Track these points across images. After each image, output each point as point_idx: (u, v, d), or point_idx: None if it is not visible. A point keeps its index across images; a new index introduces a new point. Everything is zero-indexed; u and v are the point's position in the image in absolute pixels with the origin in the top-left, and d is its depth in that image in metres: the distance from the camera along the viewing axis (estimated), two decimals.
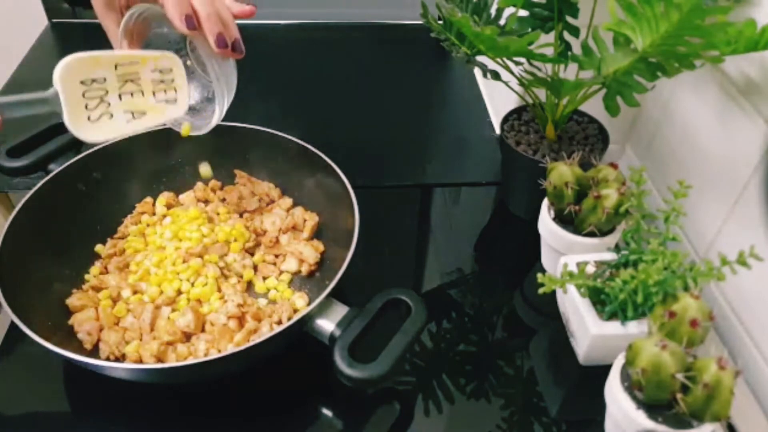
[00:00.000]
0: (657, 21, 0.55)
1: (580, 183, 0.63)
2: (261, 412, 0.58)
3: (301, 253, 0.67)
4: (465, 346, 0.65)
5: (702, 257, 0.69)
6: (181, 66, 0.59)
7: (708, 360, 0.46)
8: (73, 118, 0.53)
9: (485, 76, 0.69)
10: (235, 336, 0.59)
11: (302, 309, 0.62)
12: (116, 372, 0.54)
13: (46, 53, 1.06)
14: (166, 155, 0.74)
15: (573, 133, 0.75)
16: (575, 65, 0.66)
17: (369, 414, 0.59)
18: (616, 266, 0.58)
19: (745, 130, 0.60)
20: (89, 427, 0.58)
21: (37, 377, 0.60)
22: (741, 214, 0.62)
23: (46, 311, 0.60)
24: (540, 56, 0.62)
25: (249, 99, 0.85)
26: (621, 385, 0.51)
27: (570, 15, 0.67)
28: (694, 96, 0.69)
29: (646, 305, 0.55)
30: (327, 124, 0.93)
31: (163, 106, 0.59)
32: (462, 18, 0.58)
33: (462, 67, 1.06)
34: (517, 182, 0.78)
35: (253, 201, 0.72)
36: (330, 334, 0.54)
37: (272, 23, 1.16)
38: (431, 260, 0.75)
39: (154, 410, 0.58)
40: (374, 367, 0.51)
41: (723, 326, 0.65)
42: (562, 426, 0.58)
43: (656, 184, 0.77)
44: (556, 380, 0.62)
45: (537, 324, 0.68)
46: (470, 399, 0.60)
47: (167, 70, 0.58)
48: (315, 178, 0.71)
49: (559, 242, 0.65)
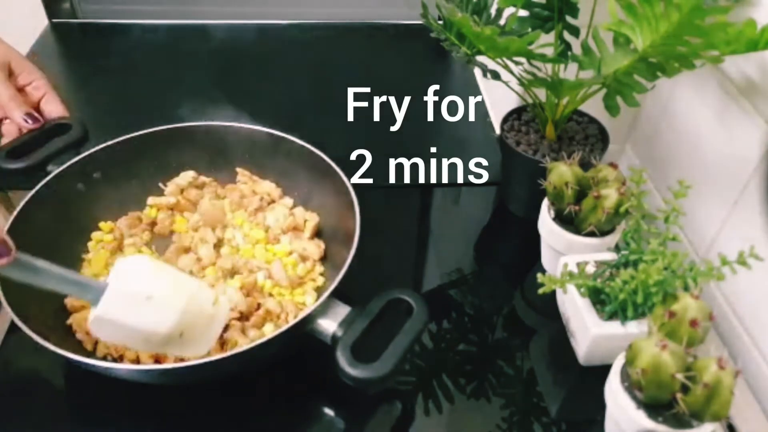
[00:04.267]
0: (657, 21, 0.55)
1: (580, 183, 0.63)
2: (261, 412, 0.58)
3: (305, 249, 0.67)
4: (465, 346, 0.65)
5: (702, 257, 0.69)
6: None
7: (708, 360, 0.46)
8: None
9: (485, 76, 0.69)
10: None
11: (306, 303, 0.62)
12: (116, 372, 0.54)
13: (46, 53, 1.06)
14: (167, 156, 0.73)
15: (573, 133, 0.75)
16: (575, 65, 0.66)
17: (370, 414, 0.59)
18: (616, 266, 0.58)
19: (745, 130, 0.60)
20: (89, 427, 0.58)
21: (37, 377, 0.60)
22: (741, 214, 0.62)
23: (46, 311, 0.60)
24: (540, 56, 0.62)
25: (249, 99, 0.85)
26: (621, 385, 0.51)
27: (570, 15, 0.67)
28: (694, 96, 0.69)
29: (646, 305, 0.55)
30: (327, 123, 0.93)
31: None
32: (462, 18, 0.58)
33: (462, 67, 1.06)
34: (517, 182, 0.78)
35: (255, 200, 0.72)
36: (332, 334, 0.54)
37: (272, 23, 1.16)
38: (431, 260, 0.75)
39: (155, 410, 0.58)
40: (377, 367, 0.51)
41: (723, 326, 0.65)
42: (562, 426, 0.58)
43: (656, 184, 0.77)
44: (556, 380, 0.62)
45: (537, 324, 0.68)
46: (470, 399, 0.60)
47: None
48: (315, 179, 0.71)
49: (559, 242, 0.65)
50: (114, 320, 0.48)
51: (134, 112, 0.93)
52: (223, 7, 1.16)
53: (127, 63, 1.05)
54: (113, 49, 1.10)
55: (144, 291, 0.49)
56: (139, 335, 0.49)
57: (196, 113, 0.77)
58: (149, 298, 0.49)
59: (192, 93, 0.96)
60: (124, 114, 0.93)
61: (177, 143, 0.73)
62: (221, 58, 1.06)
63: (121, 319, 0.48)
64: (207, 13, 1.15)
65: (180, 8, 1.15)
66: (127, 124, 0.72)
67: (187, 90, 0.97)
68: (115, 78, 1.02)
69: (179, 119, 0.74)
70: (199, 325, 0.52)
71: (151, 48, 1.09)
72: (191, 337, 0.52)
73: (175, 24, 1.14)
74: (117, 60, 1.07)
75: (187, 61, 1.05)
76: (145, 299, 0.49)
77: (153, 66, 1.04)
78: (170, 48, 1.09)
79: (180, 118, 0.74)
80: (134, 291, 0.49)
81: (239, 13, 1.16)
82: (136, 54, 1.08)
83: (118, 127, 0.72)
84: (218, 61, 1.05)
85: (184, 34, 1.12)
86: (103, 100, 0.97)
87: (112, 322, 0.49)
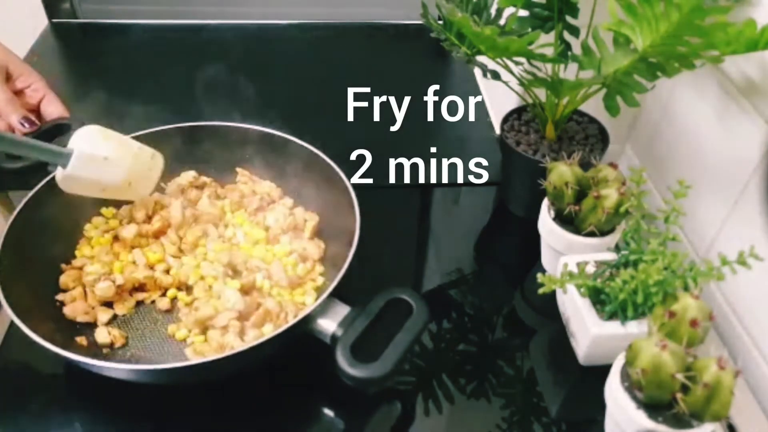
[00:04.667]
0: (657, 21, 0.55)
1: (580, 183, 0.63)
2: (261, 412, 0.58)
3: (304, 249, 0.67)
4: (465, 346, 0.65)
5: (702, 257, 0.69)
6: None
7: (708, 360, 0.46)
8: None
9: (485, 76, 0.69)
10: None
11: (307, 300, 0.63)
12: (116, 372, 0.54)
13: (46, 53, 1.06)
14: (167, 156, 0.73)
15: (573, 133, 0.75)
16: (575, 65, 0.66)
17: (369, 414, 0.59)
18: (616, 266, 0.58)
19: (745, 130, 0.60)
20: (89, 427, 0.58)
21: (37, 377, 0.60)
22: (741, 214, 0.62)
23: (46, 311, 0.60)
24: (540, 56, 0.62)
25: (249, 99, 0.85)
26: (621, 385, 0.51)
27: (570, 15, 0.67)
28: (694, 96, 0.69)
29: (646, 305, 0.55)
30: (327, 123, 0.93)
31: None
32: (462, 18, 0.58)
33: (462, 67, 1.06)
34: (517, 182, 0.78)
35: (255, 200, 0.72)
36: (332, 334, 0.54)
37: (272, 23, 1.16)
38: (431, 260, 0.75)
39: (154, 410, 0.58)
40: (377, 366, 0.51)
41: (723, 326, 0.65)
42: (562, 426, 0.58)
43: (656, 184, 0.77)
44: (556, 380, 0.62)
45: (537, 324, 0.68)
46: (470, 399, 0.60)
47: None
48: (315, 179, 0.71)
49: (559, 242, 0.65)
50: (80, 177, 0.61)
51: (134, 112, 0.93)
52: (223, 7, 1.16)
53: (127, 63, 1.05)
54: (113, 49, 1.10)
55: (101, 153, 0.61)
56: (98, 186, 0.63)
57: (196, 113, 0.77)
58: (105, 159, 0.62)
59: (192, 93, 0.95)
60: (124, 114, 0.93)
61: (177, 143, 0.73)
62: (221, 59, 1.06)
63: (85, 175, 0.61)
64: (207, 13, 1.15)
65: (180, 8, 1.15)
66: (127, 124, 0.72)
67: (187, 90, 0.97)
68: (115, 78, 1.02)
69: (179, 119, 0.74)
70: (143, 175, 0.66)
71: (151, 48, 1.09)
72: (136, 186, 0.65)
73: (175, 24, 1.14)
74: (117, 60, 1.07)
75: (187, 61, 1.05)
76: (103, 159, 0.61)
77: (153, 66, 1.04)
78: (170, 48, 1.09)
79: (180, 118, 0.74)
80: (94, 154, 0.61)
81: (239, 13, 1.16)
82: (136, 54, 1.08)
83: (118, 127, 0.72)
84: (218, 62, 1.05)
85: (184, 34, 1.12)
86: (102, 100, 0.97)
87: (79, 178, 0.61)
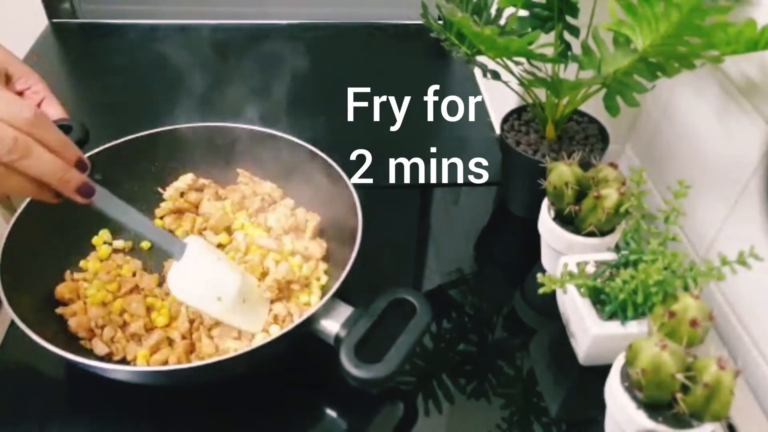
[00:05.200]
0: (657, 21, 0.55)
1: (580, 183, 0.63)
2: (264, 412, 0.58)
3: (306, 248, 0.67)
4: (465, 346, 0.65)
5: (702, 257, 0.69)
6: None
7: (708, 360, 0.46)
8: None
9: (485, 76, 0.69)
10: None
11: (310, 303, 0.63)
12: (116, 374, 0.54)
13: (46, 53, 1.06)
14: (168, 157, 0.74)
15: (573, 133, 0.75)
16: (575, 65, 0.66)
17: (370, 414, 0.59)
18: (616, 266, 0.58)
19: (745, 130, 0.60)
20: (89, 428, 0.58)
21: (37, 377, 0.60)
22: (741, 214, 0.62)
23: (46, 312, 0.60)
24: (540, 56, 0.62)
25: (249, 99, 0.85)
26: (621, 385, 0.51)
27: (570, 15, 0.67)
28: (694, 96, 0.69)
29: (646, 305, 0.55)
30: (327, 124, 0.93)
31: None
32: (462, 18, 0.58)
33: (462, 67, 1.06)
34: (517, 182, 0.78)
35: (256, 200, 0.72)
36: (335, 334, 0.54)
37: (273, 23, 1.16)
38: (431, 260, 0.75)
39: (156, 410, 0.58)
40: (381, 367, 0.51)
41: (723, 326, 0.65)
42: (562, 426, 0.58)
43: (656, 184, 0.77)
44: (556, 380, 0.62)
45: (537, 324, 0.68)
46: (470, 399, 0.60)
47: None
48: (316, 179, 0.70)
49: (559, 242, 0.65)
50: (194, 271, 0.56)
51: (135, 112, 0.93)
52: (223, 7, 1.16)
53: (127, 63, 1.05)
54: (113, 49, 1.10)
55: (215, 254, 0.58)
56: (213, 292, 0.56)
57: (196, 114, 0.77)
58: (219, 259, 0.58)
59: (192, 93, 0.95)
60: (125, 115, 0.93)
61: (178, 144, 0.73)
62: (221, 59, 1.06)
63: (200, 271, 0.56)
64: (207, 13, 1.15)
65: (180, 8, 1.15)
66: (127, 124, 0.73)
67: (188, 90, 0.97)
68: (115, 78, 1.02)
69: (180, 120, 0.74)
70: (254, 297, 0.60)
71: (151, 48, 1.09)
72: (251, 307, 0.59)
73: (175, 24, 1.14)
74: (117, 60, 1.07)
75: (187, 61, 1.05)
76: (217, 259, 0.58)
77: (153, 66, 1.04)
78: (170, 48, 1.09)
79: (181, 118, 0.74)
80: (209, 252, 0.58)
81: (239, 13, 1.16)
82: (136, 54, 1.08)
83: (118, 128, 0.73)
84: (218, 62, 1.05)
85: (184, 34, 1.12)
86: (103, 101, 0.97)
87: (192, 274, 0.56)
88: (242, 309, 0.58)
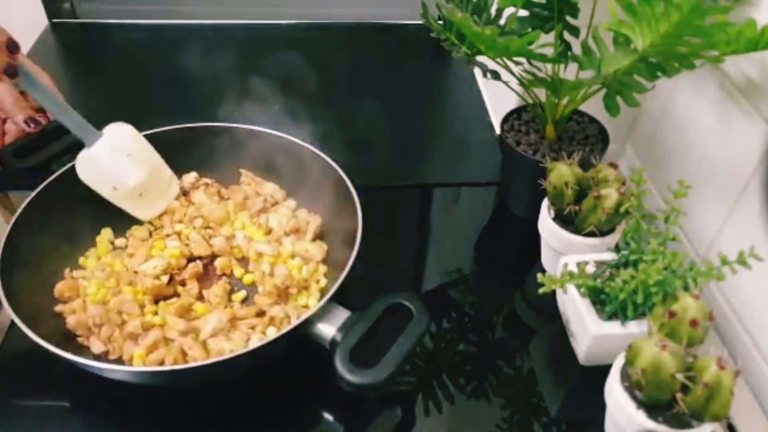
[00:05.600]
0: (657, 21, 0.55)
1: (580, 183, 0.63)
2: (260, 416, 0.58)
3: (306, 251, 0.67)
4: (465, 346, 0.65)
5: (702, 257, 0.69)
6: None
7: (708, 360, 0.46)
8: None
9: (485, 76, 0.69)
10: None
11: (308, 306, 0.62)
12: (115, 374, 0.54)
13: (46, 53, 1.06)
14: (169, 157, 0.73)
15: (573, 133, 0.75)
16: (575, 65, 0.66)
17: (369, 414, 0.59)
18: (616, 266, 0.58)
19: (745, 130, 0.60)
20: (89, 428, 0.58)
21: (37, 377, 0.60)
22: (741, 214, 0.62)
23: (47, 312, 0.60)
24: (540, 56, 0.62)
25: (250, 99, 0.85)
26: (621, 385, 0.51)
27: (570, 15, 0.67)
28: (694, 96, 0.69)
29: (646, 305, 0.55)
30: (327, 124, 0.93)
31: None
32: (462, 18, 0.58)
33: (462, 67, 1.06)
34: (517, 182, 0.78)
35: (258, 201, 0.72)
36: (331, 338, 0.54)
37: (273, 23, 1.16)
38: (431, 260, 0.75)
39: (154, 412, 0.58)
40: (375, 372, 0.50)
41: (723, 326, 0.65)
42: (562, 426, 0.58)
43: (656, 184, 0.77)
44: (556, 380, 0.62)
45: (537, 324, 0.68)
46: (470, 399, 0.60)
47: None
48: (317, 179, 0.70)
49: (559, 242, 0.65)
50: (99, 162, 0.61)
51: (135, 112, 0.93)
52: (223, 7, 1.16)
53: (127, 63, 1.05)
54: (113, 49, 1.10)
55: (125, 147, 0.63)
56: (110, 182, 0.63)
57: (197, 114, 0.77)
58: (128, 155, 0.63)
59: (192, 93, 0.96)
60: (125, 114, 0.93)
61: (179, 144, 0.73)
62: (221, 58, 1.06)
63: (104, 162, 0.61)
64: (207, 13, 1.15)
65: (180, 8, 1.15)
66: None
67: (188, 90, 0.97)
68: (116, 78, 1.02)
69: (181, 120, 0.74)
70: (155, 192, 0.66)
71: (150, 48, 1.09)
72: (146, 200, 0.65)
73: (175, 24, 1.14)
74: (117, 60, 1.07)
75: (188, 61, 1.05)
76: (125, 155, 0.63)
77: (153, 66, 1.04)
78: (170, 48, 1.09)
79: (181, 118, 0.74)
80: (120, 145, 0.63)
81: (239, 13, 1.16)
82: (136, 54, 1.08)
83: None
84: (218, 62, 1.05)
85: (183, 34, 1.12)
86: (103, 101, 0.97)
87: (97, 163, 0.61)
88: (137, 200, 0.65)
